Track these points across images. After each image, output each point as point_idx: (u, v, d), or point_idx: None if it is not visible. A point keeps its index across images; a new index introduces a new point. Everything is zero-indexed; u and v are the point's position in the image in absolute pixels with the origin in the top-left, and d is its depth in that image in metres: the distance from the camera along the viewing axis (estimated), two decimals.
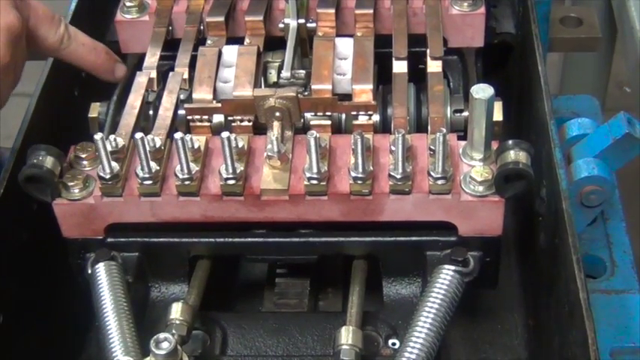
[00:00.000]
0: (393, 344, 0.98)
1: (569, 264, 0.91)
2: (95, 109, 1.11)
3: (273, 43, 1.16)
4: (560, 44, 1.58)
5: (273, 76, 1.13)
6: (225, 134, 0.93)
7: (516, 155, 0.94)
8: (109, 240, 1.01)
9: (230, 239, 1.01)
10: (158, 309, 1.02)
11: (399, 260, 1.01)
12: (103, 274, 0.97)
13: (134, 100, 1.07)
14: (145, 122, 1.08)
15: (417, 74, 1.11)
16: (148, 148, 0.96)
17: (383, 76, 1.10)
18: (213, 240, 1.01)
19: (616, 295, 1.15)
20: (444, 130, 0.93)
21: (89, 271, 0.99)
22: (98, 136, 0.94)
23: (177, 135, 0.93)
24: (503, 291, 1.14)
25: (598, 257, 1.22)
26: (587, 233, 1.24)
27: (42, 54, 1.09)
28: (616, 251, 1.23)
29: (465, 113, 1.08)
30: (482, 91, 0.94)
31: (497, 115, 1.04)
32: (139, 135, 0.94)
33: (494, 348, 1.13)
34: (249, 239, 1.01)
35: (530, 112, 1.15)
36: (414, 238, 1.00)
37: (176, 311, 0.95)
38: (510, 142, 0.95)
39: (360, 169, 0.95)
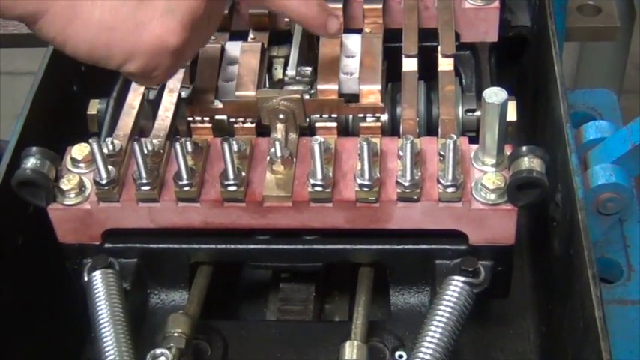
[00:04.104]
0: (400, 356, 0.95)
1: (584, 279, 0.87)
2: (94, 107, 1.08)
3: (280, 36, 1.12)
4: (577, 34, 1.53)
5: (279, 72, 1.09)
6: (225, 139, 0.90)
7: (530, 163, 0.90)
8: (107, 246, 0.98)
9: (232, 245, 0.98)
10: (158, 316, 0.99)
11: (407, 269, 0.98)
12: (99, 284, 0.93)
13: (133, 99, 1.03)
14: (145, 121, 1.04)
15: (429, 70, 1.07)
16: (145, 152, 0.92)
17: (393, 72, 1.06)
18: (214, 246, 0.98)
19: (632, 305, 1.11)
20: (454, 137, 0.89)
21: (86, 279, 0.95)
22: (93, 140, 0.90)
23: (176, 140, 0.90)
24: (515, 294, 1.10)
25: (614, 260, 1.18)
26: (603, 235, 1.19)
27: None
28: (633, 254, 1.19)
29: (478, 113, 1.04)
30: (494, 95, 0.90)
31: (511, 116, 1.00)
32: (135, 140, 0.90)
33: (505, 354, 1.09)
34: (252, 246, 0.98)
35: (546, 110, 1.11)
36: (422, 247, 0.96)
37: (174, 323, 0.92)
38: (524, 148, 0.90)
39: (367, 177, 0.91)
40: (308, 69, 1.06)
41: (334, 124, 1.00)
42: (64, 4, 0.81)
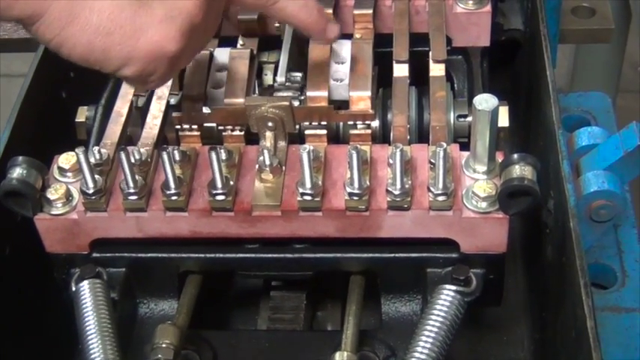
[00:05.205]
0: None
1: (576, 288, 0.86)
2: (82, 114, 1.07)
3: (270, 42, 1.11)
4: (571, 36, 1.52)
5: (269, 78, 1.08)
6: (213, 148, 0.89)
7: (522, 170, 0.88)
8: (95, 255, 0.97)
9: (221, 255, 0.97)
10: (147, 326, 0.99)
11: (398, 277, 0.97)
12: (87, 294, 0.92)
13: (121, 107, 1.01)
14: (133, 129, 1.03)
15: (420, 75, 1.06)
16: (132, 161, 0.91)
17: (384, 78, 1.05)
18: (203, 256, 0.97)
19: (626, 313, 1.10)
20: (444, 145, 0.88)
21: (73, 289, 0.94)
22: (79, 150, 0.89)
23: (164, 149, 0.89)
24: (509, 301, 1.10)
25: (608, 266, 1.17)
26: (597, 241, 1.18)
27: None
28: (627, 260, 1.18)
29: (469, 118, 1.03)
30: (485, 101, 0.89)
31: (503, 121, 1.00)
32: (122, 149, 0.89)
33: None
34: (241, 255, 0.97)
35: (538, 116, 1.10)
36: (413, 255, 0.95)
37: (162, 334, 0.91)
38: (516, 156, 0.89)
39: (356, 185, 0.90)
40: (298, 75, 1.04)
41: (324, 132, 0.99)
42: (61, 6, 0.80)
